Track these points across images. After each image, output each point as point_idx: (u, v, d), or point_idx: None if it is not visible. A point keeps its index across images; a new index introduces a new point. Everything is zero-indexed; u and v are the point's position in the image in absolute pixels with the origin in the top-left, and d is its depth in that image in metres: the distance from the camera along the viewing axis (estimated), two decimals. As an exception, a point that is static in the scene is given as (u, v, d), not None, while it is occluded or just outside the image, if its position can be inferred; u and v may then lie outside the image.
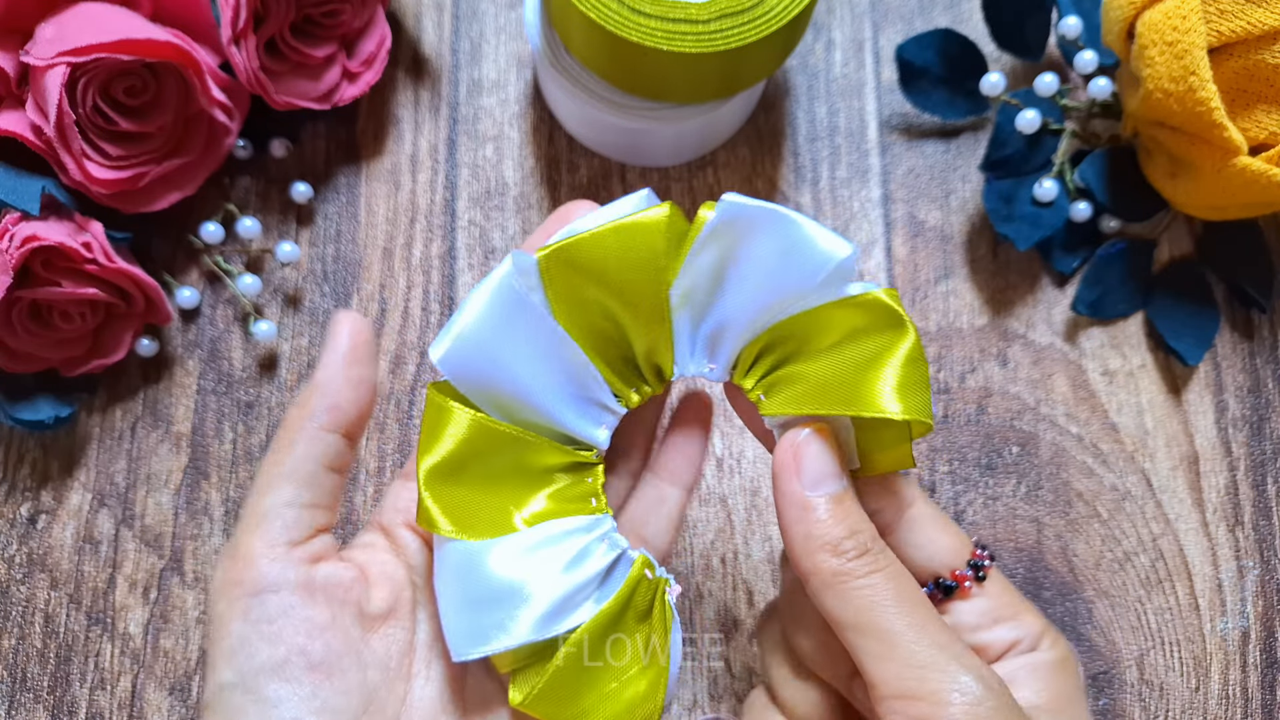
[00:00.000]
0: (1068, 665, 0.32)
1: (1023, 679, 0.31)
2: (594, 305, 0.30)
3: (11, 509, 0.44)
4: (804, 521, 0.29)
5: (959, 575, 0.32)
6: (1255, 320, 0.47)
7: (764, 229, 0.29)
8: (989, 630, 0.32)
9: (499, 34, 0.49)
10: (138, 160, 0.42)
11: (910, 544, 0.32)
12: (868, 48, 0.49)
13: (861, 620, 0.28)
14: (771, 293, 0.30)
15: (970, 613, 0.32)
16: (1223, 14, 0.40)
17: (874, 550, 0.29)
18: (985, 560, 0.32)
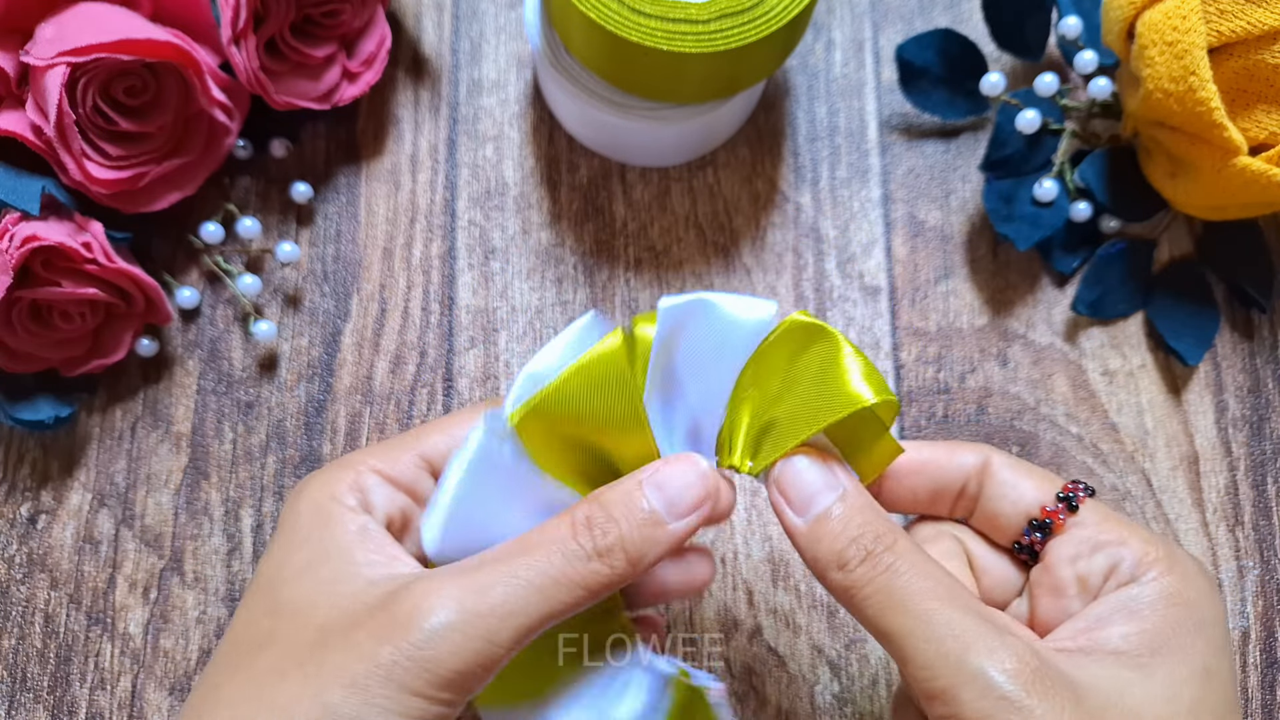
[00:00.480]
0: (1175, 599, 0.29)
1: (1116, 619, 0.29)
2: (574, 443, 0.31)
3: (11, 509, 0.44)
4: (808, 548, 0.30)
5: (1049, 511, 0.31)
6: (1255, 320, 0.47)
7: (693, 321, 0.30)
8: (1087, 560, 0.30)
9: (499, 34, 0.49)
10: (138, 160, 0.42)
11: (994, 497, 0.32)
12: (868, 48, 0.49)
13: (878, 627, 0.28)
14: (720, 376, 0.31)
15: (1067, 544, 0.31)
16: (1223, 14, 0.40)
17: (878, 550, 0.29)
18: (1078, 492, 0.31)
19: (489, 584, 0.28)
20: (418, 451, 0.33)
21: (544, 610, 0.28)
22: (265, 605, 0.30)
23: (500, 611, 0.28)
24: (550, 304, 0.46)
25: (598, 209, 0.47)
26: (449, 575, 0.28)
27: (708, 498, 0.30)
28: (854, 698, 0.43)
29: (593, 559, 0.29)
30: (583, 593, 0.29)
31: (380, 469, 0.32)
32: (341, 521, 0.30)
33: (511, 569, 0.28)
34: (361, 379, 0.46)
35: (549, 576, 0.28)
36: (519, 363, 0.46)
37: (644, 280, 0.47)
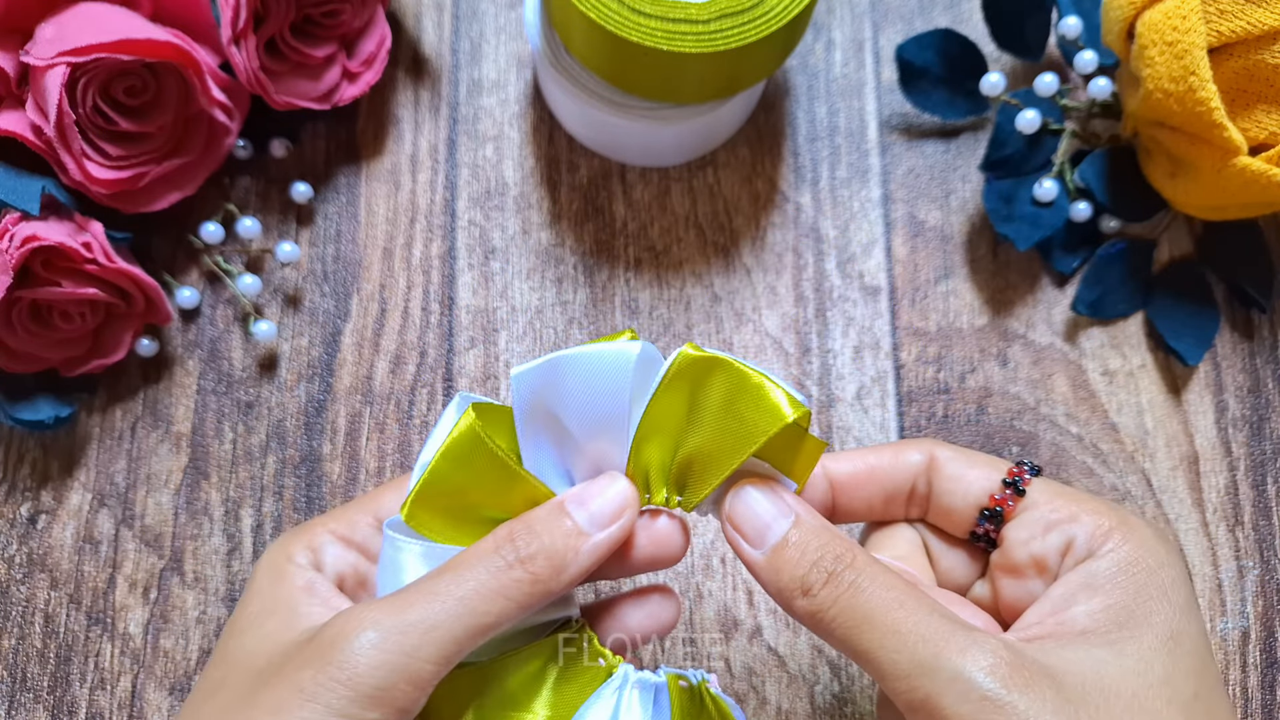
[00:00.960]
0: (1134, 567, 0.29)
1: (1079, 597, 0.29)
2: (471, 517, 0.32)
3: (11, 509, 0.44)
4: (770, 580, 0.30)
5: (997, 499, 0.31)
6: (1255, 320, 0.47)
7: (562, 378, 0.30)
8: (1041, 540, 0.30)
9: (499, 34, 0.49)
10: (138, 160, 0.42)
11: (943, 492, 0.32)
12: (868, 48, 0.49)
13: (850, 647, 0.28)
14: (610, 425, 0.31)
15: (1020, 528, 0.31)
16: (1223, 14, 0.40)
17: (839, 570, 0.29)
18: (1024, 475, 0.31)
19: (409, 602, 0.29)
20: (372, 513, 0.34)
21: (467, 622, 0.29)
22: (217, 658, 0.32)
23: (420, 625, 0.28)
24: (550, 304, 0.47)
25: (598, 209, 0.47)
26: (372, 601, 0.29)
27: (627, 506, 0.31)
28: (854, 698, 0.43)
29: (514, 567, 0.29)
30: (506, 602, 0.29)
31: (335, 530, 0.34)
32: (289, 578, 0.32)
33: (432, 586, 0.29)
34: (361, 379, 0.46)
35: (469, 588, 0.29)
36: (519, 363, 0.46)
37: (644, 280, 0.47)
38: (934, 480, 0.33)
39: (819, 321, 0.46)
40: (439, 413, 0.45)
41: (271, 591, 0.32)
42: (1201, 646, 0.29)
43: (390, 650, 0.28)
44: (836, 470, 0.33)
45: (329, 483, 0.45)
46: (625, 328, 0.46)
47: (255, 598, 0.32)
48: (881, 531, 0.35)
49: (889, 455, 0.33)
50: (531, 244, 0.47)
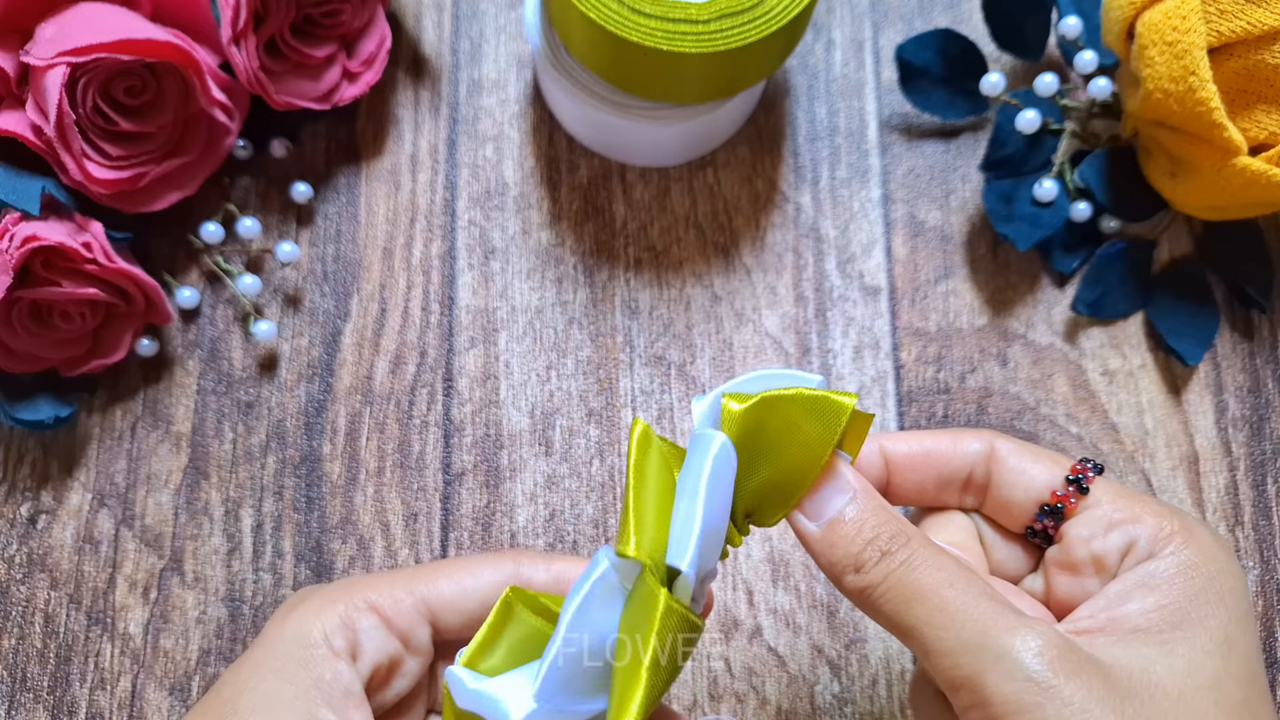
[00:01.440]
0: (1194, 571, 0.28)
1: (1135, 595, 0.28)
2: None
3: (11, 509, 0.44)
4: (823, 554, 0.30)
5: (1060, 496, 0.31)
6: (1255, 320, 0.47)
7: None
8: (1102, 539, 0.30)
9: (499, 34, 0.49)
10: (138, 160, 0.42)
11: (1003, 485, 0.32)
12: (868, 48, 0.49)
13: (897, 623, 0.28)
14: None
15: (1081, 525, 0.30)
16: (1223, 14, 0.40)
17: (893, 549, 0.29)
18: (1088, 473, 0.31)
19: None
20: (423, 597, 0.31)
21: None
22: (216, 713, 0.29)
23: None
24: (550, 304, 0.47)
25: (598, 209, 0.48)
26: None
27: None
28: (854, 698, 0.43)
29: None
30: None
31: (379, 607, 0.31)
32: (319, 668, 0.29)
33: None
34: (361, 379, 0.46)
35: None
36: (519, 363, 0.46)
37: (644, 280, 0.47)
38: (994, 471, 0.32)
39: (819, 321, 0.46)
40: (438, 413, 0.45)
41: (291, 674, 0.29)
42: (1254, 655, 0.28)
43: None
44: (893, 450, 0.33)
45: (329, 483, 0.45)
46: (622, 331, 0.46)
47: (272, 674, 0.29)
48: (936, 516, 0.34)
49: (947, 441, 0.33)
50: (531, 244, 0.47)
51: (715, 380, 0.46)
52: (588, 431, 0.45)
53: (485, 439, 0.45)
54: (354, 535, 0.44)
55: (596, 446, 0.45)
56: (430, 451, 0.45)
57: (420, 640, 0.31)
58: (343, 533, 0.44)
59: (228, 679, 0.30)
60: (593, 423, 0.45)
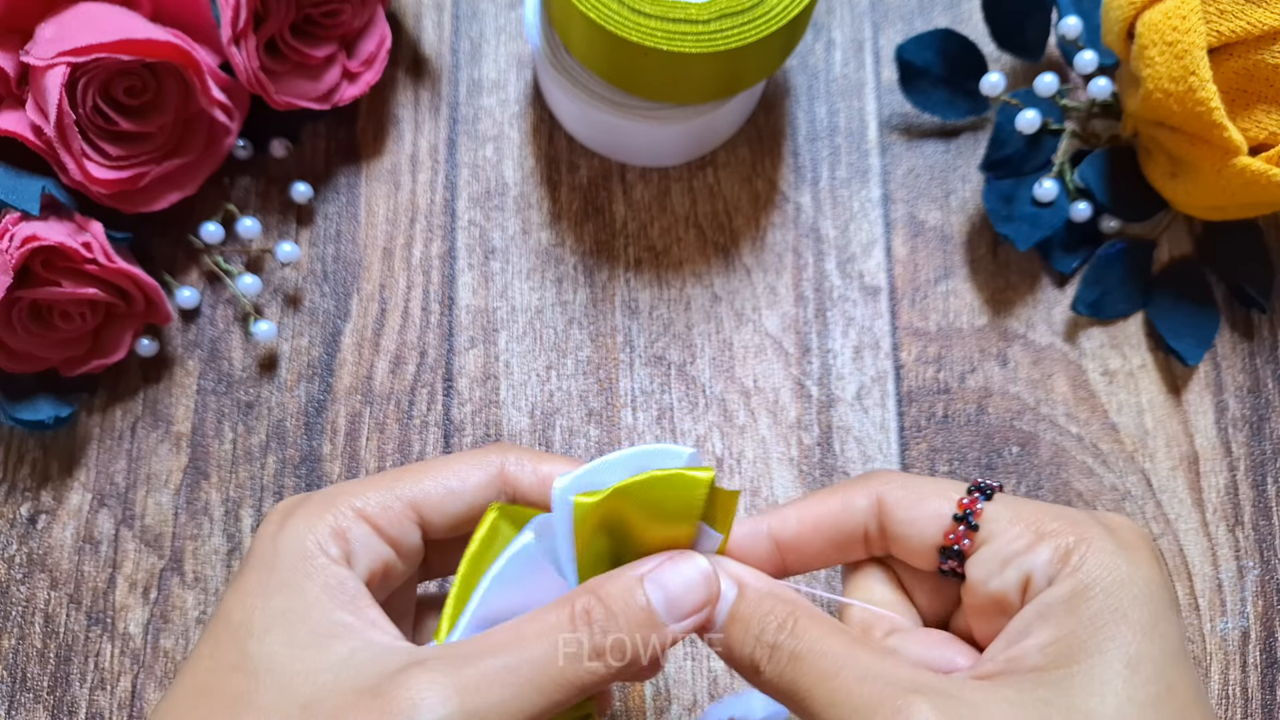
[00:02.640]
0: (1088, 592, 0.27)
1: (1033, 629, 0.27)
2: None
3: (11, 509, 0.44)
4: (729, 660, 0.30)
5: (951, 538, 0.30)
6: (1255, 320, 0.47)
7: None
8: (999, 577, 0.28)
9: (499, 34, 0.49)
10: (138, 160, 0.42)
11: (897, 537, 0.31)
12: (868, 48, 0.49)
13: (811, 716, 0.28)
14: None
15: (979, 566, 0.29)
16: (1223, 14, 0.40)
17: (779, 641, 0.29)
18: (975, 506, 0.29)
19: (488, 682, 0.27)
20: (410, 500, 0.31)
21: (539, 708, 0.27)
22: (234, 657, 0.28)
23: (498, 712, 0.26)
24: (550, 304, 0.47)
25: (598, 209, 0.47)
26: (445, 667, 0.27)
27: (709, 601, 0.30)
28: (854, 698, 0.43)
29: (591, 658, 0.28)
30: (576, 692, 0.28)
31: (368, 514, 0.30)
32: (322, 576, 0.29)
33: (509, 664, 0.27)
34: (361, 379, 0.46)
35: (548, 676, 0.27)
36: (519, 363, 0.46)
37: (644, 280, 0.47)
38: (886, 525, 0.31)
39: (819, 321, 0.46)
40: (438, 413, 0.45)
41: (299, 588, 0.29)
42: (1167, 669, 0.26)
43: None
44: (780, 530, 0.32)
45: (329, 483, 0.45)
46: (622, 331, 0.46)
47: (279, 590, 0.29)
48: (856, 575, 0.33)
49: (836, 504, 0.32)
50: (531, 244, 0.47)
51: (715, 380, 0.46)
52: (588, 431, 0.45)
53: (485, 439, 0.45)
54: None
55: (596, 447, 0.45)
56: (430, 451, 0.45)
57: (410, 543, 0.31)
58: (343, 533, 0.44)
59: (233, 603, 0.29)
60: (593, 423, 0.45)
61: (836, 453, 0.45)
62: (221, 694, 0.28)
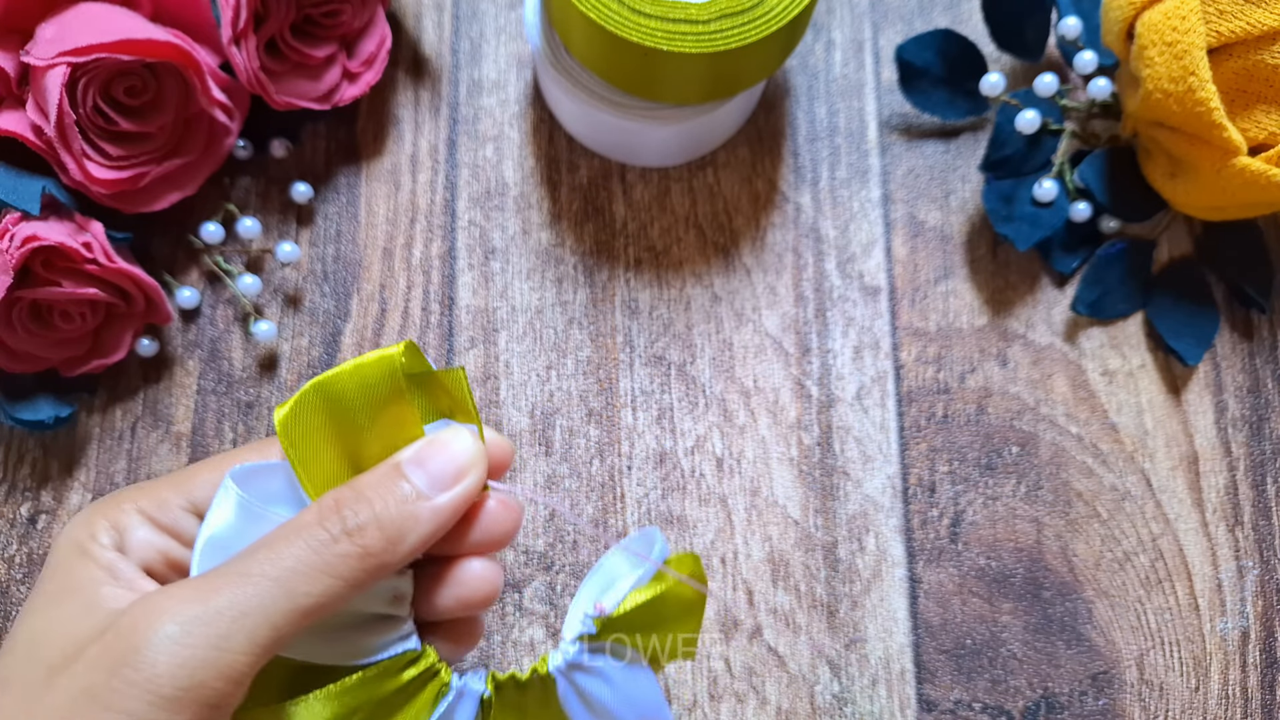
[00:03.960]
0: None
1: None
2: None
3: (11, 509, 0.44)
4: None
5: None
6: (1255, 320, 0.47)
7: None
8: None
9: (499, 34, 0.50)
10: (138, 160, 0.42)
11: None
12: (868, 48, 0.49)
13: None
14: None
15: None
16: (1222, 14, 0.40)
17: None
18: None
19: (215, 587, 0.25)
20: (185, 494, 0.30)
21: (285, 605, 0.25)
22: (5, 646, 0.28)
23: (230, 612, 0.25)
24: (550, 304, 0.47)
25: (598, 209, 0.48)
26: (177, 586, 0.26)
27: (473, 465, 0.28)
28: (854, 697, 0.43)
29: (340, 540, 0.26)
30: (331, 580, 0.26)
31: (144, 509, 0.30)
32: (91, 557, 0.28)
33: (244, 566, 0.26)
34: (361, 379, 0.46)
35: (286, 566, 0.26)
36: (519, 363, 0.46)
37: (644, 280, 0.47)
38: None
39: (819, 321, 0.46)
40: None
41: (68, 570, 0.28)
42: None
43: (195, 644, 0.24)
44: None
45: (329, 483, 0.45)
46: (622, 331, 0.46)
47: (50, 577, 0.28)
48: None
49: None
50: (531, 244, 0.47)
51: (715, 380, 0.46)
52: (588, 431, 0.45)
53: (485, 439, 0.45)
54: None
55: (596, 446, 0.45)
56: (430, 451, 0.45)
57: (190, 534, 0.30)
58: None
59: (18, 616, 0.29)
60: (593, 423, 0.45)
61: (836, 453, 0.45)
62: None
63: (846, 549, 0.44)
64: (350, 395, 0.29)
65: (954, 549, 0.44)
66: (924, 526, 0.44)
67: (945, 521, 0.44)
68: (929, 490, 0.45)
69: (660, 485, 0.45)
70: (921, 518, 0.44)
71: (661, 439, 0.45)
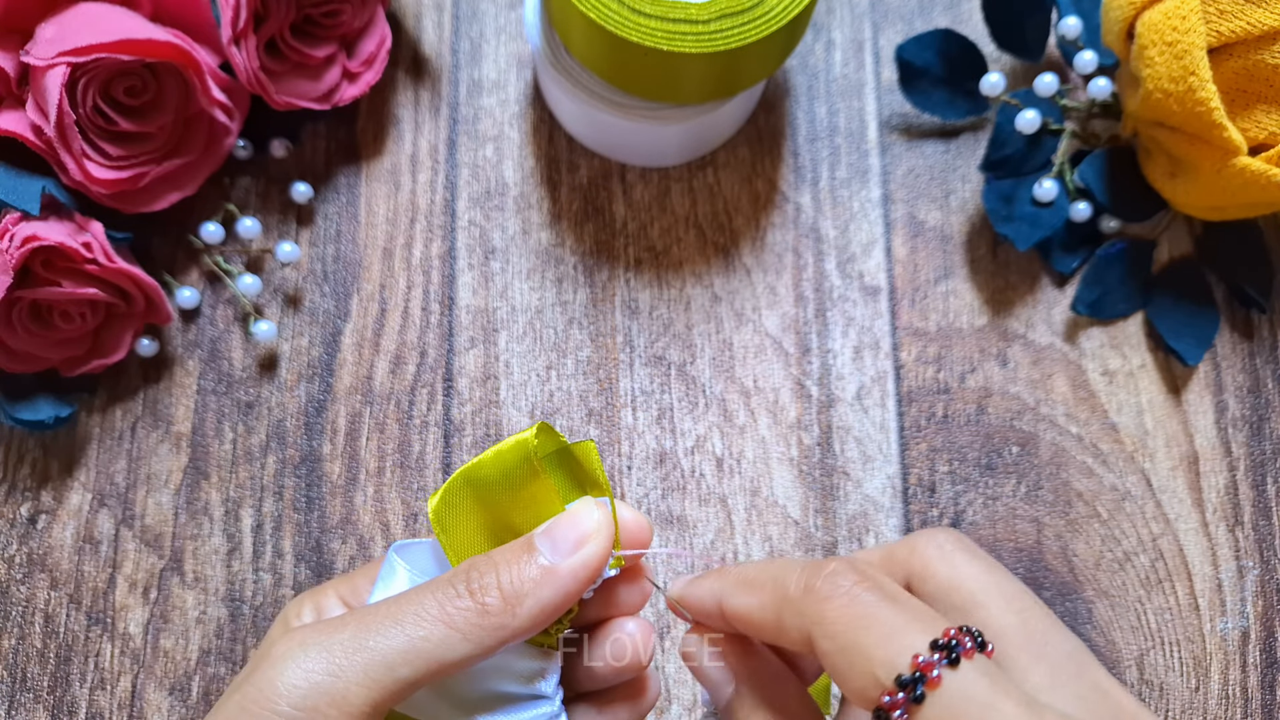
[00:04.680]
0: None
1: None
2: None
3: (11, 509, 0.44)
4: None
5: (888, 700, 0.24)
6: (1255, 320, 0.47)
7: None
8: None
9: (499, 34, 0.49)
10: (138, 160, 0.42)
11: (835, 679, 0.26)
12: (868, 48, 0.49)
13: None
14: None
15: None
16: (1222, 14, 0.40)
17: None
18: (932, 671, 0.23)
19: (344, 623, 0.28)
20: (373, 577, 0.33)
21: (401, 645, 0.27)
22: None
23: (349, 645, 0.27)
24: (550, 304, 0.47)
25: (598, 209, 0.48)
26: (316, 623, 0.28)
27: (595, 533, 0.29)
28: (854, 698, 0.43)
29: (463, 596, 0.28)
30: (450, 632, 0.27)
31: (341, 594, 0.33)
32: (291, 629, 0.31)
33: (373, 609, 0.28)
34: (361, 379, 0.46)
35: (410, 612, 0.28)
36: (519, 363, 0.46)
37: (644, 280, 0.47)
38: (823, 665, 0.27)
39: (819, 321, 0.46)
40: (438, 413, 0.45)
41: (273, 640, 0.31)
42: None
43: (313, 669, 0.26)
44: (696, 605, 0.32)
45: (329, 483, 0.45)
46: (622, 331, 0.46)
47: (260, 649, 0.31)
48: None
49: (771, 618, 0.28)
50: (531, 244, 0.47)
51: (715, 380, 0.46)
52: (588, 432, 0.45)
53: (485, 439, 0.45)
54: (354, 535, 0.44)
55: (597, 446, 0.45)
56: (430, 451, 0.45)
57: None
58: (343, 533, 0.44)
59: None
60: (593, 423, 0.45)
61: (836, 453, 0.45)
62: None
63: (846, 549, 0.44)
64: (493, 480, 0.30)
65: (954, 549, 0.44)
66: (924, 526, 0.44)
67: (945, 521, 0.44)
68: (929, 490, 0.45)
69: (660, 485, 0.45)
70: (922, 518, 0.44)
71: (661, 439, 0.45)
